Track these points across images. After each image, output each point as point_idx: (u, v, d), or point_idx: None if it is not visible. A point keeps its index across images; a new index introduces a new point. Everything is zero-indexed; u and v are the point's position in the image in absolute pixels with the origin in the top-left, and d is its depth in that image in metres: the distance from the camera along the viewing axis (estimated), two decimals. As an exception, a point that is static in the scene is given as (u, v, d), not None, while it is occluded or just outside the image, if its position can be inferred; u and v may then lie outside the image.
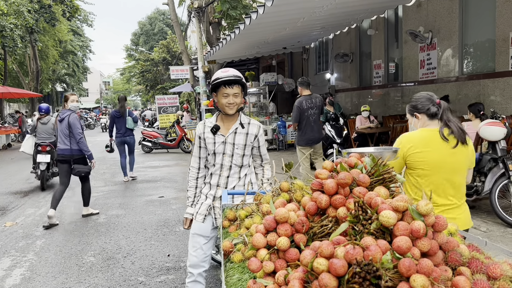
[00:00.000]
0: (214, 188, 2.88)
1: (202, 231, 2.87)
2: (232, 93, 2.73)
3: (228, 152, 2.83)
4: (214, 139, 2.82)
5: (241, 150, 2.84)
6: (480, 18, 8.39)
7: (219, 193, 2.85)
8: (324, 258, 1.19)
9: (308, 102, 6.71)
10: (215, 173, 2.87)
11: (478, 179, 5.24)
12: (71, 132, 6.22)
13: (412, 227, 1.25)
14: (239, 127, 2.85)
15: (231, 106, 2.75)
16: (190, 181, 2.98)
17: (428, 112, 2.54)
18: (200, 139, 2.88)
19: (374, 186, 1.54)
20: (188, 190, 3.00)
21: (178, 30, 18.15)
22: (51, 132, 8.65)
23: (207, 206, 2.88)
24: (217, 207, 2.86)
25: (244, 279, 1.58)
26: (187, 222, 3.00)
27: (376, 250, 1.15)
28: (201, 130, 2.88)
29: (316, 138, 6.82)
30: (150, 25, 54.15)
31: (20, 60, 28.20)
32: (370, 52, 12.28)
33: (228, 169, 2.84)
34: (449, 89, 8.99)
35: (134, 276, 4.29)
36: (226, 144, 2.82)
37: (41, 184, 9.02)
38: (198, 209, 2.91)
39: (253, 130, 2.88)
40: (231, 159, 2.83)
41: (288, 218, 1.56)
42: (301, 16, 8.02)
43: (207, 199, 2.90)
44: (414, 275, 1.10)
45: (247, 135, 2.86)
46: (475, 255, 1.34)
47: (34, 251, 5.17)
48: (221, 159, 2.83)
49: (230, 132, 2.83)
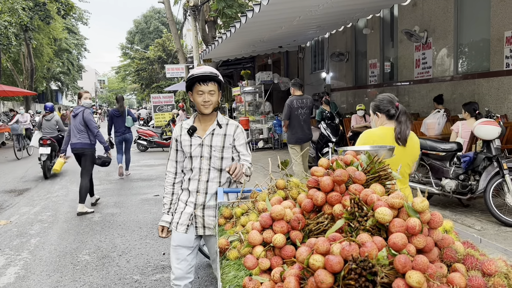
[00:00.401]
0: (194, 195, 2.69)
1: (186, 242, 2.70)
2: (207, 91, 2.57)
3: (205, 154, 2.65)
4: (191, 141, 2.66)
5: (218, 152, 2.66)
6: (475, 17, 8.43)
7: (200, 199, 2.67)
8: (320, 255, 1.19)
9: (298, 102, 6.97)
10: (194, 178, 2.68)
11: (473, 178, 5.26)
12: (87, 127, 6.68)
13: (408, 224, 1.25)
14: (216, 128, 2.69)
15: (206, 105, 2.59)
16: (167, 187, 2.80)
17: (388, 113, 2.91)
18: (177, 141, 2.73)
19: (370, 183, 1.54)
20: (164, 196, 2.82)
21: (174, 28, 18.11)
22: (54, 128, 9.84)
23: (188, 215, 2.69)
24: (199, 215, 2.68)
25: (240, 276, 1.58)
26: (164, 231, 2.81)
27: (372, 247, 1.16)
28: (178, 132, 2.73)
29: (305, 138, 7.07)
30: (145, 24, 54.02)
31: (14, 58, 28.02)
32: (365, 51, 12.31)
33: (207, 173, 2.66)
34: (444, 88, 9.03)
35: (129, 275, 4.28)
36: (203, 146, 2.65)
37: (44, 174, 9.88)
38: (178, 218, 2.71)
39: (230, 130, 2.71)
40: (209, 162, 2.66)
41: (284, 215, 1.56)
42: (297, 15, 8.02)
43: (187, 207, 2.71)
44: (410, 272, 1.10)
45: (225, 136, 2.69)
46: (470, 252, 1.35)
47: (29, 250, 5.14)
48: (198, 162, 2.66)
49: (207, 134, 2.67)
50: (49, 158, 9.82)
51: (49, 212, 6.94)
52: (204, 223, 2.67)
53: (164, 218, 2.80)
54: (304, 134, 7.04)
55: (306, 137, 7.08)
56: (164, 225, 2.79)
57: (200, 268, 4.34)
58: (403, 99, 10.57)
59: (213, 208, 2.65)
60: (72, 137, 6.75)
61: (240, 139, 2.73)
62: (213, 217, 2.66)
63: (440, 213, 1.37)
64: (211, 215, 2.66)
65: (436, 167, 5.63)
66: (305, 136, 7.07)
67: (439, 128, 7.06)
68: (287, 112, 6.99)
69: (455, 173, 5.37)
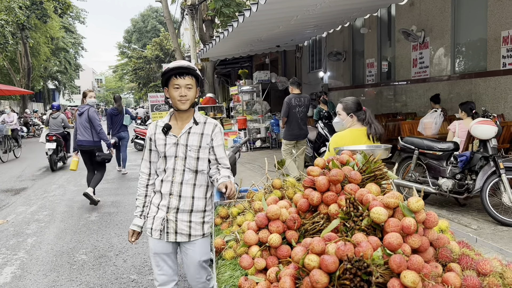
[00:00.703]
0: (167, 198, 2.49)
1: (163, 248, 2.54)
2: (184, 84, 2.42)
3: (180, 154, 2.48)
4: (165, 140, 2.50)
5: (194, 152, 2.49)
6: (472, 17, 8.44)
7: (173, 203, 2.48)
8: (315, 255, 1.20)
9: (296, 100, 7.24)
10: (167, 179, 2.50)
11: (469, 177, 5.27)
12: (91, 124, 6.89)
13: (403, 223, 1.25)
14: (193, 126, 2.51)
15: (183, 100, 2.43)
16: (140, 189, 2.63)
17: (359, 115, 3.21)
18: (151, 140, 2.56)
19: (366, 183, 1.54)
20: (136, 198, 2.65)
21: (171, 27, 18.08)
22: (60, 125, 10.92)
23: (161, 220, 2.50)
24: (171, 220, 2.48)
25: (236, 276, 1.58)
26: (134, 235, 2.61)
27: (367, 247, 1.16)
28: (152, 131, 2.57)
29: (302, 134, 7.38)
30: (143, 23, 53.91)
31: (11, 57, 27.93)
32: (363, 50, 12.32)
33: (181, 174, 2.48)
34: (441, 87, 9.04)
35: (126, 274, 4.27)
36: (178, 145, 2.48)
37: (50, 166, 11.02)
38: (151, 224, 2.53)
39: (208, 129, 2.53)
40: (184, 163, 2.48)
41: (280, 215, 1.56)
42: (294, 14, 8.01)
43: (159, 211, 2.52)
44: (405, 271, 1.11)
45: (202, 135, 2.51)
46: (465, 251, 1.35)
47: (25, 249, 5.13)
48: (173, 163, 2.49)
49: (183, 132, 2.50)
50: (55, 152, 10.92)
51: (45, 211, 6.93)
52: (177, 229, 2.48)
53: (136, 221, 2.62)
54: (301, 131, 7.32)
55: (302, 134, 7.36)
56: (135, 229, 2.61)
57: (197, 267, 4.34)
58: (401, 99, 10.59)
59: (187, 212, 2.48)
60: (78, 134, 6.96)
61: (218, 139, 2.56)
62: (186, 222, 2.48)
63: (436, 213, 1.37)
64: (185, 220, 2.48)
65: (433, 167, 5.64)
66: (302, 133, 7.34)
67: (436, 128, 7.08)
68: (285, 109, 7.22)
69: (452, 172, 5.38)
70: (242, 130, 12.81)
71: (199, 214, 2.51)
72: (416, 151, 5.79)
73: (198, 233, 2.50)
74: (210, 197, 2.60)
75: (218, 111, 15.61)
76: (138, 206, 2.63)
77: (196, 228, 2.50)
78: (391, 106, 11.00)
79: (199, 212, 2.51)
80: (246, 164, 10.07)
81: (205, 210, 2.55)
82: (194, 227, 2.49)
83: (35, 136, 24.73)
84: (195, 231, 2.50)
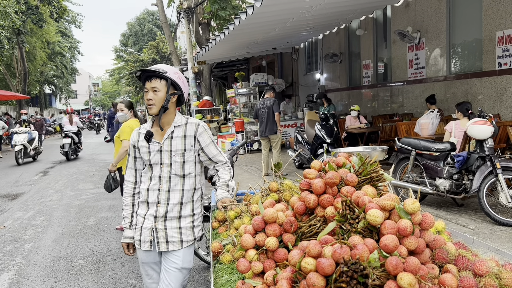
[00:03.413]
0: (154, 207, 2.39)
1: (152, 259, 2.46)
2: (150, 88, 2.32)
3: (165, 161, 2.37)
4: (149, 147, 2.39)
5: (179, 157, 2.38)
6: (467, 18, 8.48)
7: (161, 211, 2.38)
8: (312, 258, 1.19)
9: (261, 103, 8.82)
10: (153, 188, 2.40)
11: (466, 177, 5.28)
12: None
13: (399, 225, 1.26)
14: (175, 130, 2.39)
15: (149, 103, 2.33)
16: (126, 198, 2.51)
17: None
18: (135, 148, 2.46)
19: (362, 185, 1.55)
20: (123, 208, 2.53)
21: (168, 31, 18.08)
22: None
23: (149, 230, 2.39)
24: (161, 229, 2.38)
25: (233, 280, 1.58)
26: (129, 248, 2.52)
27: (363, 249, 1.16)
28: (135, 138, 2.46)
29: (266, 130, 8.66)
30: (139, 26, 53.90)
31: (7, 62, 27.83)
32: (359, 52, 12.35)
33: (168, 181, 2.38)
34: (438, 88, 9.07)
35: (124, 279, 4.26)
36: (163, 152, 2.38)
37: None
38: (139, 236, 2.42)
39: (191, 130, 2.40)
40: (170, 169, 2.38)
41: (277, 218, 1.56)
42: (290, 16, 8.03)
43: (146, 221, 2.41)
44: (401, 273, 1.11)
45: (185, 138, 2.39)
46: (461, 252, 1.35)
47: (22, 255, 5.10)
48: (159, 170, 2.39)
49: (166, 138, 2.38)
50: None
51: (43, 216, 6.90)
52: (167, 237, 2.38)
53: (126, 233, 2.49)
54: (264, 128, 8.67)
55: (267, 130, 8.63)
56: (128, 241, 2.49)
57: (196, 271, 4.33)
58: (397, 100, 10.61)
59: (176, 219, 2.39)
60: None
61: (204, 139, 2.44)
62: (176, 228, 2.39)
63: (434, 213, 1.37)
64: (174, 227, 2.39)
65: (430, 167, 5.65)
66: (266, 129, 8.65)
67: (432, 128, 7.09)
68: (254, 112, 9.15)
69: (449, 172, 5.39)
70: (240, 132, 12.81)
71: (188, 219, 2.43)
72: (413, 152, 5.79)
73: (189, 239, 2.42)
74: (197, 199, 2.49)
75: (215, 114, 15.61)
76: (126, 217, 2.51)
77: (187, 234, 2.41)
78: (387, 107, 11.02)
79: (187, 216, 2.43)
80: (243, 167, 10.06)
81: (193, 214, 2.46)
82: (184, 233, 2.40)
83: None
84: (186, 236, 2.40)
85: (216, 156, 2.49)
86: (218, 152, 2.50)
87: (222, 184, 2.49)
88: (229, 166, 2.56)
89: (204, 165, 2.58)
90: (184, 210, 2.41)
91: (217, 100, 24.12)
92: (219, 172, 2.53)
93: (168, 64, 2.63)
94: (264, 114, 8.63)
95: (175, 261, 2.38)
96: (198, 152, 2.45)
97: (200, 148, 2.44)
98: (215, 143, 2.51)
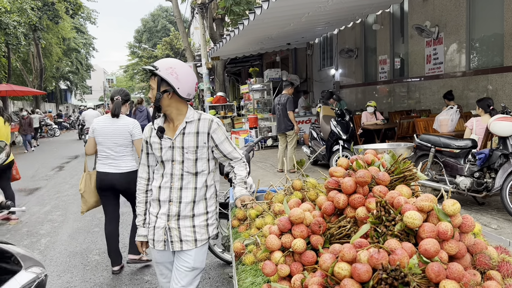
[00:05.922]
0: (166, 205, 2.33)
1: (166, 258, 2.42)
2: (150, 85, 2.31)
3: (177, 158, 2.31)
4: (161, 143, 2.33)
5: (192, 154, 2.30)
6: (487, 12, 8.26)
7: (173, 210, 2.31)
8: (346, 263, 1.12)
9: (278, 99, 8.74)
10: (165, 185, 2.34)
11: (488, 175, 5.14)
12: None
13: (439, 228, 1.17)
14: (187, 126, 2.31)
15: (151, 101, 2.32)
16: (139, 195, 2.47)
17: None
18: (147, 144, 2.41)
19: (394, 185, 1.46)
20: (137, 206, 2.49)
21: (181, 26, 18.07)
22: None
23: (162, 230, 2.34)
24: (174, 228, 2.32)
25: (258, 282, 1.51)
26: (143, 246, 2.48)
27: (402, 254, 1.08)
28: (148, 134, 2.41)
29: (281, 128, 8.65)
30: (153, 22, 54.09)
31: (23, 58, 28.20)
32: (375, 47, 12.16)
33: (180, 179, 2.31)
34: (456, 84, 8.87)
35: (139, 275, 4.24)
36: (175, 148, 2.31)
37: None
38: (152, 235, 2.37)
39: (204, 127, 2.32)
40: (182, 166, 2.31)
41: (304, 219, 1.48)
42: (305, 11, 7.92)
43: (159, 220, 2.36)
44: (444, 281, 1.03)
45: (197, 134, 2.31)
46: (505, 257, 1.26)
47: (39, 250, 5.12)
48: (170, 168, 2.32)
49: (177, 134, 2.31)
50: None
51: (59, 211, 6.94)
52: (181, 236, 2.32)
53: (140, 232, 2.46)
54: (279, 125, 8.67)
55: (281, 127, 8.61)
56: (142, 239, 2.46)
57: (212, 268, 4.29)
58: (414, 96, 10.42)
59: (189, 217, 2.33)
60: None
61: (219, 136, 2.36)
62: (190, 227, 2.33)
63: (471, 216, 1.28)
64: (188, 226, 2.32)
65: (450, 165, 5.51)
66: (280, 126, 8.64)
67: (452, 125, 6.93)
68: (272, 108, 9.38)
69: (470, 170, 5.25)
70: (253, 128, 12.74)
71: (201, 217, 2.35)
72: (433, 149, 5.66)
73: (203, 237, 2.35)
74: (211, 197, 2.42)
75: (229, 110, 15.57)
76: (139, 215, 2.48)
77: (201, 232, 2.34)
78: (404, 103, 10.83)
79: (201, 215, 2.35)
80: (258, 163, 10.00)
81: (207, 212, 2.38)
82: (198, 231, 2.33)
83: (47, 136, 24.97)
84: (200, 235, 2.33)
85: (231, 153, 2.41)
86: (233, 148, 2.42)
87: (240, 181, 2.41)
88: (245, 162, 2.49)
89: (219, 161, 2.50)
90: (197, 209, 2.35)
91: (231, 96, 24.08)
92: (234, 168, 2.46)
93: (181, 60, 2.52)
94: (280, 111, 8.62)
95: (187, 260, 2.32)
96: (212, 149, 2.38)
97: (214, 145, 2.36)
98: (229, 139, 2.43)
